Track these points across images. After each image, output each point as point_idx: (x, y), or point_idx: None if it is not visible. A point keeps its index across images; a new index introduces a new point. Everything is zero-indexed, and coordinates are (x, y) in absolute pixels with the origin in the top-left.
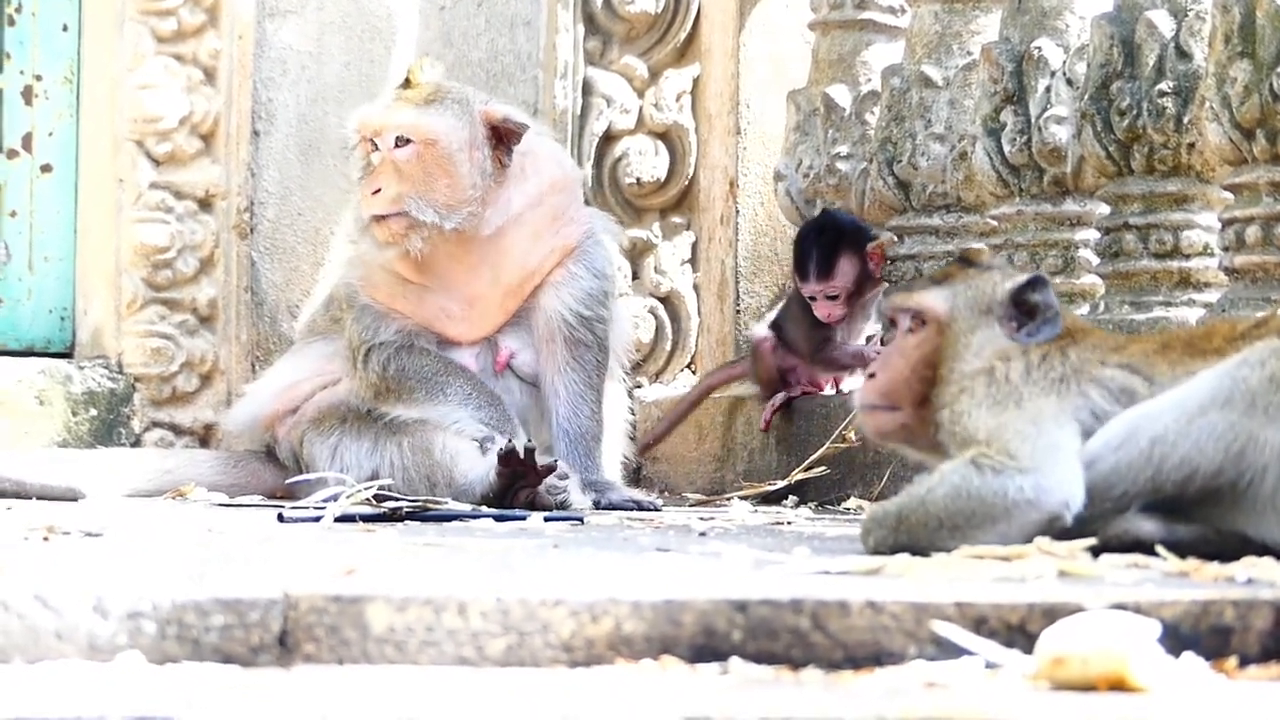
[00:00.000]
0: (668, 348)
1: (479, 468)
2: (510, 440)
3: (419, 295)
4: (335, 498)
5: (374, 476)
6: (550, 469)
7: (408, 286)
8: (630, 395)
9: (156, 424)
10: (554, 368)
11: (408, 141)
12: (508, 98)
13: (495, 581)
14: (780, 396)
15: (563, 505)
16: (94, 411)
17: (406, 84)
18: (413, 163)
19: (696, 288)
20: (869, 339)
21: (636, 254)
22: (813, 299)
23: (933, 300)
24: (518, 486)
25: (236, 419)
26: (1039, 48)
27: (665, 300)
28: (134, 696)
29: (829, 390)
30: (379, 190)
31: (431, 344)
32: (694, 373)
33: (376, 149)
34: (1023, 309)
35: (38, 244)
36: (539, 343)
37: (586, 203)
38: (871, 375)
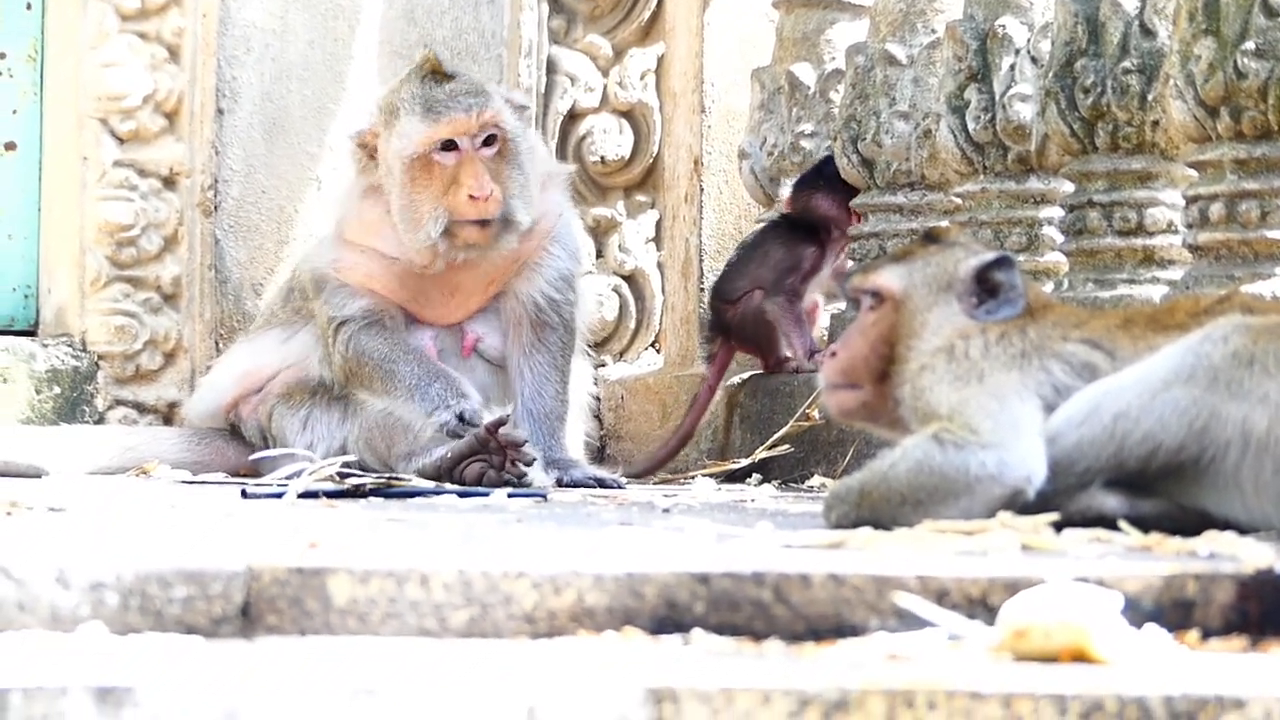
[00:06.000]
0: (632, 326)
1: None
2: (494, 414)
3: (398, 280)
4: (299, 474)
5: (344, 447)
6: (517, 444)
7: (387, 271)
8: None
9: (120, 402)
10: (520, 350)
11: (493, 138)
12: None
13: (458, 554)
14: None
15: (525, 482)
16: (58, 389)
17: (435, 73)
18: (499, 160)
19: (661, 266)
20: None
21: (601, 232)
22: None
23: (888, 279)
24: (473, 459)
25: (196, 409)
26: (1003, 25)
27: (629, 279)
28: (96, 666)
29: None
30: (490, 194)
31: (399, 323)
32: (658, 351)
33: (449, 151)
34: (985, 287)
35: (1, 222)
36: (506, 326)
37: None
38: (833, 354)
